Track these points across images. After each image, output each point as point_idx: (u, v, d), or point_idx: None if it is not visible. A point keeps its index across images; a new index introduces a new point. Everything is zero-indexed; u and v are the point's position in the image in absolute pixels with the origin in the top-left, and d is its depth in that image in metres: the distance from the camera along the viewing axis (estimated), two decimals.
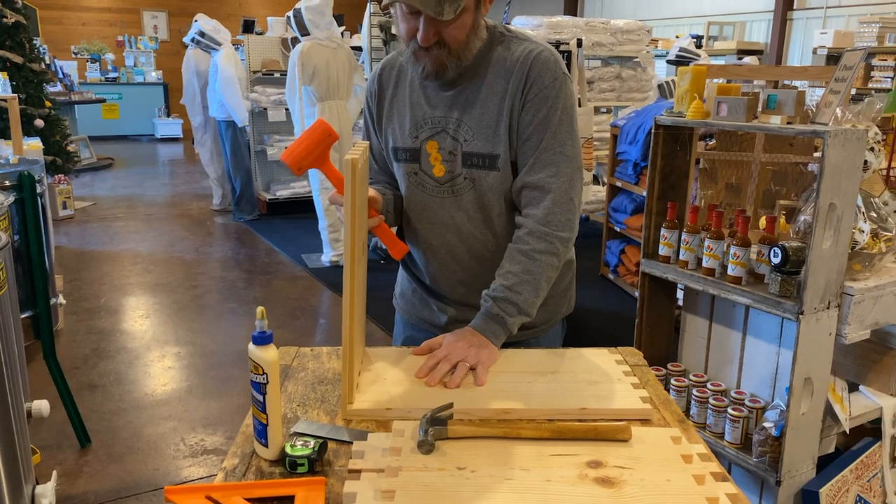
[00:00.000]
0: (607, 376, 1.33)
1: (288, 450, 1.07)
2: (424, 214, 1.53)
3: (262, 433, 1.10)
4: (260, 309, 1.09)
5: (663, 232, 2.17)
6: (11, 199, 2.30)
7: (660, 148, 2.20)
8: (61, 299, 2.88)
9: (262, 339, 1.08)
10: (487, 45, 1.43)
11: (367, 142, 1.40)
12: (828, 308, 1.86)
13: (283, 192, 7.07)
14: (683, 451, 1.07)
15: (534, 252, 1.39)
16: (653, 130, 2.17)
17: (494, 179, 1.45)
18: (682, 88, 2.11)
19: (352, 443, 1.13)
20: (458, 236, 1.51)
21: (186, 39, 6.65)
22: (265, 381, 1.07)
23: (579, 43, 4.19)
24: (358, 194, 1.15)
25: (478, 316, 1.41)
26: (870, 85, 8.02)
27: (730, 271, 1.98)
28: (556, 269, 1.44)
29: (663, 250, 2.18)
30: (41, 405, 2.14)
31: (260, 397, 1.08)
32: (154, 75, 13.44)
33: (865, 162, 1.88)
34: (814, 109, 1.88)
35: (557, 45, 4.27)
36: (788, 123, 1.85)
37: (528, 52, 1.41)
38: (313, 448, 1.07)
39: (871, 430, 2.20)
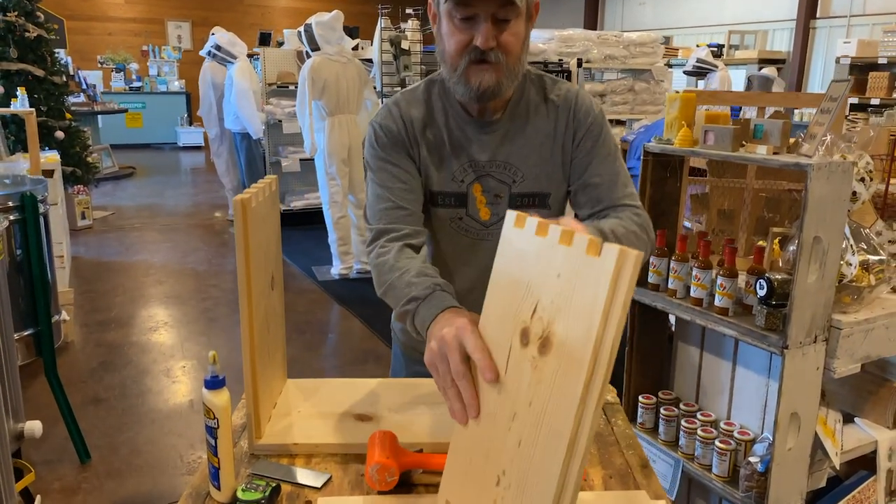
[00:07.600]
0: None
1: (239, 494, 1.08)
2: (462, 258, 1.50)
3: (215, 476, 1.11)
4: (212, 353, 1.10)
5: (652, 259, 2.14)
6: (6, 223, 2.36)
7: (649, 174, 2.18)
8: (64, 315, 2.93)
9: (214, 384, 1.09)
10: (522, 83, 1.42)
11: (275, 177, 1.32)
12: (815, 342, 1.82)
13: (297, 203, 7.12)
14: None
15: (644, 234, 1.42)
16: (642, 157, 2.16)
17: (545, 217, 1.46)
18: (671, 115, 2.09)
19: (307, 486, 1.13)
20: None
21: (203, 52, 6.74)
22: (216, 426, 1.08)
23: (579, 63, 4.19)
24: (253, 235, 1.12)
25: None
26: (895, 95, 7.85)
27: (717, 302, 1.95)
28: None
29: (653, 278, 2.16)
30: (34, 426, 2.19)
31: (212, 441, 1.09)
32: (177, 84, 13.65)
33: (854, 193, 1.85)
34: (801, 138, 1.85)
35: (560, 63, 4.25)
36: (775, 154, 1.82)
37: (567, 91, 1.47)
38: (264, 492, 1.08)
39: (864, 462, 2.15)
